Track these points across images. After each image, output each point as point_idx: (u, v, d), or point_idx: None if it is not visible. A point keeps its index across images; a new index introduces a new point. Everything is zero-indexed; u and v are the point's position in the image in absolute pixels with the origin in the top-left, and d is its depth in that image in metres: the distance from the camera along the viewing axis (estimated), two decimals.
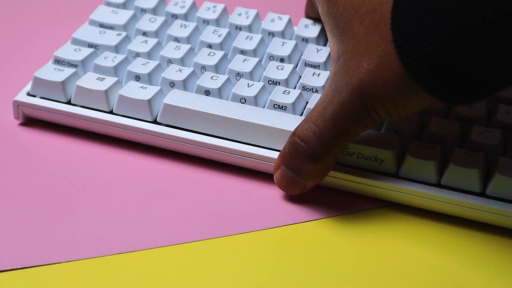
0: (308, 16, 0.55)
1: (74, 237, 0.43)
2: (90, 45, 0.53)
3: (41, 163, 0.48)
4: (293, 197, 0.46)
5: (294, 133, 0.44)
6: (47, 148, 0.49)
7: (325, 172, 0.45)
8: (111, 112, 0.49)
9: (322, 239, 0.44)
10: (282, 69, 0.50)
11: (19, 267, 0.42)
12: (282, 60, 0.51)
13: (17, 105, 0.50)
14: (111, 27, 0.54)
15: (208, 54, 0.51)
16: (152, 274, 0.42)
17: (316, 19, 0.54)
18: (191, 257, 0.43)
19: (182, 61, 0.51)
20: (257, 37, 0.53)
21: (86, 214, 0.45)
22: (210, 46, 0.52)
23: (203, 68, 0.51)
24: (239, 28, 0.54)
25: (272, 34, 0.54)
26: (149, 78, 0.50)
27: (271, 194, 0.47)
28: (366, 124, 0.42)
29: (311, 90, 0.49)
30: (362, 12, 0.42)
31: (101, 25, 0.54)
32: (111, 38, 0.53)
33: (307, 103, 0.48)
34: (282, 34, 0.54)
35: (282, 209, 0.46)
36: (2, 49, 0.57)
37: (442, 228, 0.45)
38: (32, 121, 0.51)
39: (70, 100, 0.50)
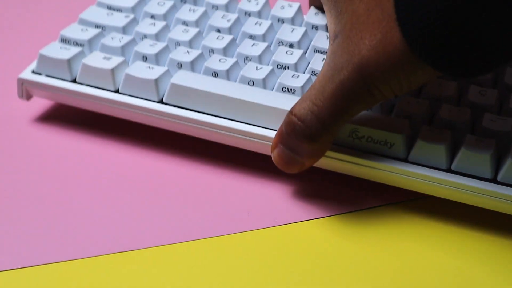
0: (313, 4, 0.54)
1: (74, 236, 0.43)
2: (97, 26, 0.52)
3: (42, 162, 0.48)
4: (293, 196, 0.46)
5: (291, 111, 0.43)
6: (49, 146, 0.49)
7: (323, 151, 0.44)
8: (117, 92, 0.48)
9: (323, 238, 0.43)
10: (292, 54, 0.50)
11: (19, 267, 0.41)
12: (291, 45, 0.51)
13: (22, 83, 0.49)
14: (119, 9, 0.54)
15: (217, 38, 0.51)
16: (152, 273, 0.41)
17: (321, 7, 0.53)
18: (191, 256, 0.42)
19: (190, 44, 0.51)
20: (266, 23, 0.52)
21: (86, 213, 0.44)
22: (218, 31, 0.52)
23: (211, 51, 0.50)
24: (248, 14, 0.54)
25: (281, 20, 0.53)
26: (156, 59, 0.49)
27: (272, 192, 0.46)
28: (367, 102, 0.42)
29: None
30: None
31: (109, 7, 0.54)
32: (119, 19, 0.52)
33: None
34: (292, 21, 0.53)
35: (283, 207, 0.45)
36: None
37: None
38: (37, 116, 0.50)
39: (75, 79, 0.49)
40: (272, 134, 0.46)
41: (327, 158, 0.45)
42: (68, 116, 0.51)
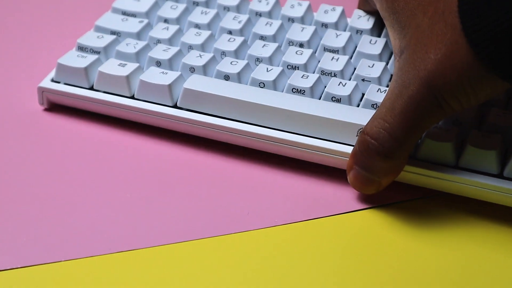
0: (361, 7, 0.54)
1: (74, 235, 0.43)
2: (113, 33, 0.53)
3: (42, 162, 0.48)
4: (293, 196, 0.46)
5: (363, 131, 0.43)
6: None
7: (399, 168, 0.44)
8: (132, 97, 0.50)
9: (322, 239, 0.44)
10: (301, 54, 0.51)
11: (19, 266, 0.41)
12: (301, 45, 0.52)
13: (42, 91, 0.51)
14: (133, 15, 0.55)
15: (228, 40, 0.52)
16: (152, 272, 0.42)
17: (369, 13, 0.53)
18: (191, 256, 0.42)
19: (202, 47, 0.52)
20: (276, 23, 0.53)
21: (86, 213, 0.45)
22: (230, 32, 0.53)
23: (223, 53, 0.51)
24: (259, 14, 0.55)
25: (291, 20, 0.54)
26: (169, 64, 0.51)
27: (271, 192, 0.46)
28: (437, 116, 0.42)
29: (329, 75, 0.49)
30: (425, 3, 0.42)
31: (124, 13, 0.55)
32: (133, 25, 0.54)
33: (325, 87, 0.49)
34: (302, 20, 0.54)
35: (282, 207, 0.45)
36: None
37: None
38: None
39: (92, 86, 0.51)
40: (283, 135, 0.47)
41: None
42: (69, 110, 0.52)
